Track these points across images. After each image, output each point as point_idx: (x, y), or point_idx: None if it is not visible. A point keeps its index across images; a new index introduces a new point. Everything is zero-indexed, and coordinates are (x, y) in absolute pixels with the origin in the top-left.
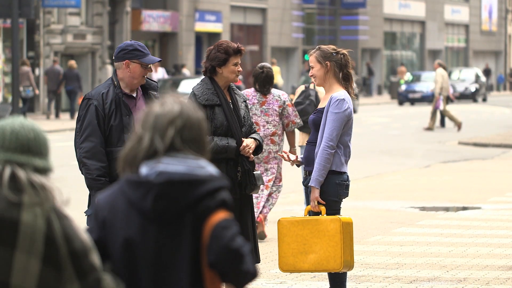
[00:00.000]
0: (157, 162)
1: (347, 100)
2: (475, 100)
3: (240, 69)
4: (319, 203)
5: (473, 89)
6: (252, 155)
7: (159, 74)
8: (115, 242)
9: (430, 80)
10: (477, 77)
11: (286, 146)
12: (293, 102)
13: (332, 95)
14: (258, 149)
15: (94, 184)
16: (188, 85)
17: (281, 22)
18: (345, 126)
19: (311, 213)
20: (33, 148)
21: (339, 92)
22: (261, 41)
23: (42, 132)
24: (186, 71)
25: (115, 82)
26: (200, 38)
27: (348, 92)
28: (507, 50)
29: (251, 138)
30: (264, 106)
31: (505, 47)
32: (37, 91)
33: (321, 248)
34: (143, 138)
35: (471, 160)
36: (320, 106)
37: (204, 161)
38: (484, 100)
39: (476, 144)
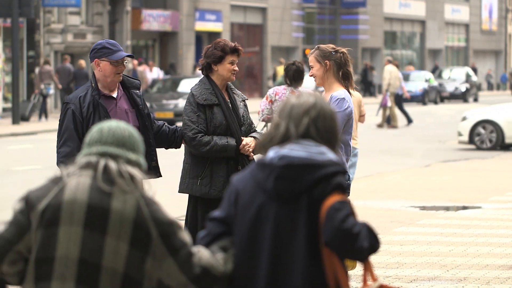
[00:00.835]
0: (282, 147)
1: (347, 99)
2: (465, 100)
3: (236, 68)
4: None
5: (463, 89)
6: (252, 154)
7: (154, 73)
8: (243, 218)
9: (420, 80)
10: (468, 76)
11: None
12: None
13: (332, 94)
14: None
15: None
16: (188, 85)
17: (281, 21)
18: (345, 125)
19: None
20: (127, 144)
21: (339, 91)
22: (261, 40)
23: (136, 133)
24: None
25: (93, 84)
26: (200, 38)
27: (348, 91)
28: (507, 49)
29: (251, 136)
30: None
31: (505, 47)
32: (59, 86)
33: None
34: (279, 125)
35: (471, 159)
36: None
37: (325, 148)
38: (476, 100)
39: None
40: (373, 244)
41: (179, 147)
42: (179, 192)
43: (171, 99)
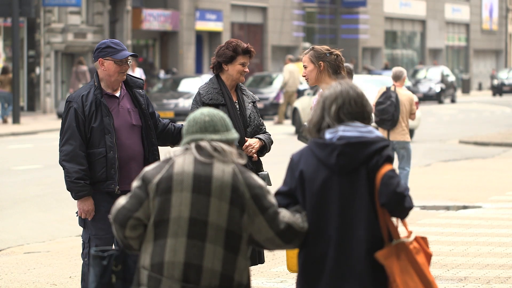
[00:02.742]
0: (336, 130)
1: None
2: (440, 102)
3: (247, 69)
4: None
5: (438, 90)
6: (255, 155)
7: (136, 74)
8: (310, 189)
9: (407, 79)
10: (444, 76)
11: None
12: (374, 102)
13: None
14: (263, 149)
15: (73, 187)
16: (188, 84)
17: (281, 21)
18: None
19: None
20: (208, 128)
21: None
22: (261, 40)
23: (217, 116)
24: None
25: (96, 83)
26: (201, 37)
27: None
28: (508, 49)
29: (256, 138)
30: None
31: (506, 46)
32: None
33: None
34: (317, 114)
35: (471, 159)
36: None
37: (371, 128)
38: (453, 101)
39: (476, 143)
40: (412, 204)
41: None
42: None
43: (171, 98)
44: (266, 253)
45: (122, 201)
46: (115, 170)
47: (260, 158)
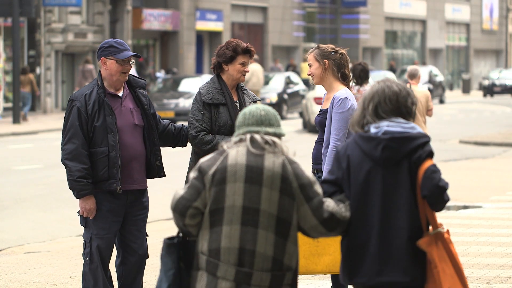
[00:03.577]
0: (379, 125)
1: (350, 98)
2: None
3: (248, 69)
4: None
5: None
6: None
7: None
8: (355, 179)
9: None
10: (432, 76)
11: None
12: None
13: (334, 95)
14: None
15: (75, 186)
16: (188, 84)
17: (282, 20)
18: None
19: None
20: (264, 121)
21: (341, 91)
22: (262, 40)
23: (271, 111)
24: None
25: (99, 82)
26: (201, 37)
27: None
28: (508, 49)
29: None
30: (359, 101)
31: (506, 46)
32: None
33: (335, 250)
34: (359, 110)
35: (472, 158)
36: (323, 107)
37: (414, 124)
38: (441, 102)
39: (477, 143)
40: (449, 198)
41: (185, 145)
42: None
43: (171, 98)
44: None
45: (180, 191)
46: (117, 169)
47: None
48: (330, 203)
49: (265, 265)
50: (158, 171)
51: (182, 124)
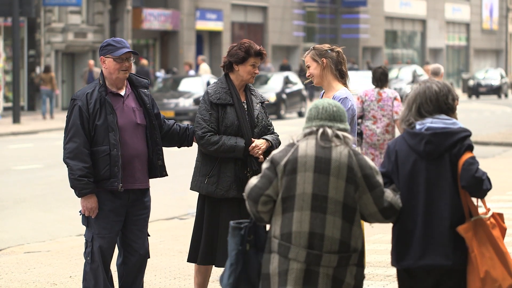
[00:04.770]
0: (423, 122)
1: (349, 98)
2: None
3: (257, 71)
4: None
5: (408, 90)
6: (262, 156)
7: None
8: (402, 171)
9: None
10: (416, 76)
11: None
12: None
13: (334, 94)
14: (270, 150)
15: (77, 184)
16: (188, 84)
17: (282, 20)
18: (350, 123)
19: None
20: (336, 117)
21: (340, 91)
22: (262, 39)
23: (341, 107)
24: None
25: (100, 81)
26: (201, 37)
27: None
28: (508, 48)
29: (263, 139)
30: (380, 103)
31: (506, 46)
32: None
33: None
34: (405, 110)
35: None
36: None
37: (455, 120)
38: None
39: (476, 143)
40: (490, 186)
41: (191, 145)
42: (190, 189)
43: (171, 98)
44: None
45: (254, 181)
46: (119, 168)
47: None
48: (389, 194)
49: (332, 247)
50: (160, 171)
51: (188, 124)
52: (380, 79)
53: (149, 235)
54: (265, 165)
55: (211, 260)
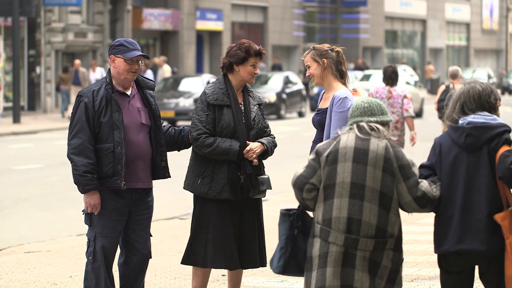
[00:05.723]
0: (465, 118)
1: (349, 98)
2: None
3: (258, 71)
4: None
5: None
6: (256, 160)
7: (97, 74)
8: (445, 162)
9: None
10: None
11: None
12: (436, 99)
13: (334, 94)
14: (265, 153)
15: (80, 180)
16: (189, 84)
17: (282, 20)
18: None
19: None
20: (367, 112)
21: (340, 91)
22: (262, 39)
23: (374, 102)
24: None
25: (107, 79)
26: (201, 37)
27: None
28: (508, 48)
29: (258, 142)
30: (390, 100)
31: (506, 46)
32: None
33: None
34: (449, 107)
35: None
36: (322, 106)
37: (496, 116)
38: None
39: None
40: None
41: (189, 146)
42: (183, 188)
43: (172, 98)
44: (267, 253)
45: (300, 170)
46: (122, 166)
47: (262, 161)
48: (424, 184)
49: (369, 232)
50: (163, 172)
51: (183, 126)
52: (391, 77)
53: (152, 235)
54: (310, 156)
55: (195, 260)
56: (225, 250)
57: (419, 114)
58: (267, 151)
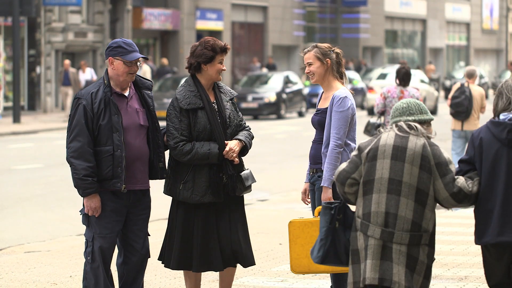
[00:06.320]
0: (507, 114)
1: (349, 97)
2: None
3: (225, 67)
4: None
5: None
6: (236, 159)
7: (86, 75)
8: (485, 157)
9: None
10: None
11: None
12: (450, 96)
13: (334, 94)
14: (244, 150)
15: (81, 184)
16: None
17: (282, 20)
18: (349, 122)
19: None
20: (405, 112)
21: (340, 90)
22: (262, 39)
23: (412, 102)
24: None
25: (105, 81)
26: (201, 36)
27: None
28: (508, 48)
29: (236, 139)
30: (401, 99)
31: (506, 46)
32: None
33: None
34: (495, 103)
35: None
36: (322, 106)
37: None
38: None
39: None
40: None
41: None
42: (163, 193)
43: (171, 97)
44: (267, 253)
45: (343, 165)
46: (122, 169)
47: (241, 157)
48: (460, 180)
49: (405, 226)
50: (160, 173)
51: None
52: (403, 79)
53: (149, 235)
54: (353, 152)
55: (187, 265)
56: (210, 254)
57: (433, 111)
58: (246, 147)
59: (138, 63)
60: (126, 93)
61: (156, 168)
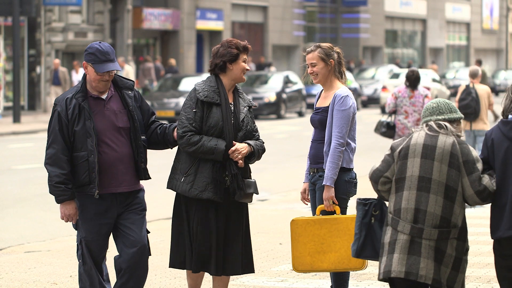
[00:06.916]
0: None
1: (350, 96)
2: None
3: (248, 67)
4: (333, 202)
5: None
6: (241, 161)
7: (80, 75)
8: (497, 155)
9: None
10: (396, 75)
11: None
12: (457, 98)
13: (335, 93)
14: (252, 156)
15: (54, 191)
16: (189, 83)
17: (282, 20)
18: (350, 121)
19: (323, 212)
20: (435, 111)
21: (342, 89)
22: (262, 39)
23: (441, 102)
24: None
25: (81, 85)
26: (201, 36)
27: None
28: (508, 48)
29: (246, 143)
30: (412, 99)
31: (506, 46)
32: (155, 82)
33: (341, 247)
34: (503, 104)
35: None
36: (322, 105)
37: None
38: None
39: None
40: None
41: (176, 144)
42: (167, 188)
43: (172, 97)
44: (267, 253)
45: (376, 164)
46: (96, 174)
47: (249, 164)
48: (485, 179)
49: (434, 222)
50: (144, 174)
51: (170, 123)
52: (414, 83)
53: (149, 232)
54: (387, 152)
55: (180, 262)
56: (204, 255)
57: None
58: (254, 154)
59: (115, 72)
60: (104, 96)
61: (139, 169)
